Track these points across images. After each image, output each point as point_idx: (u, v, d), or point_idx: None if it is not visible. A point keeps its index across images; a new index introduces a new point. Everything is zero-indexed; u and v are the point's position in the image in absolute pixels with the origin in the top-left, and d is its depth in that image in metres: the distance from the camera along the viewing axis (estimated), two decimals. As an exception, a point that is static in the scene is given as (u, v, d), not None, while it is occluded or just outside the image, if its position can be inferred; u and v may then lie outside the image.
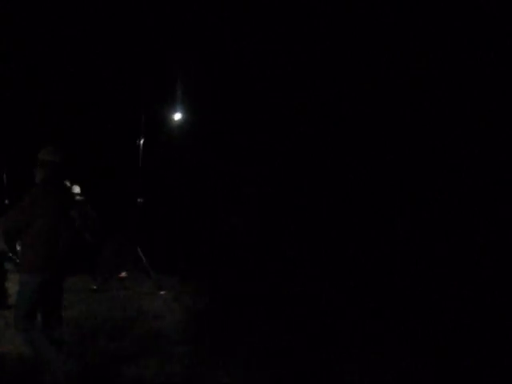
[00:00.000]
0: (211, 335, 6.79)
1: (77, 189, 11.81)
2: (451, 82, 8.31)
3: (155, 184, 11.08)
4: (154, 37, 10.26)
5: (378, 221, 9.03)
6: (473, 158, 8.30)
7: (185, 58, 9.13)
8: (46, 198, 4.80)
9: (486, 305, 7.61)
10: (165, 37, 10.11)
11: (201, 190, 10.23)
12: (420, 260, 8.55)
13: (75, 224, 5.61)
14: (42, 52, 12.42)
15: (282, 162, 9.69)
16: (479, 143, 8.21)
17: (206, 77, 9.68)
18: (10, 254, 7.68)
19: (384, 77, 8.88)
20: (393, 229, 8.78)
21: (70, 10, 11.37)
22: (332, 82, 9.58)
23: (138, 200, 9.91)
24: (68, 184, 12.03)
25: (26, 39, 12.42)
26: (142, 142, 9.98)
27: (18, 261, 6.85)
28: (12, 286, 7.43)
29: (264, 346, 6.38)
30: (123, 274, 11.04)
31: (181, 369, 5.51)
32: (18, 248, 5.96)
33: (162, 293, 9.37)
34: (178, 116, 10.09)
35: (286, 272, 10.01)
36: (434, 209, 8.65)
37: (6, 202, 15.66)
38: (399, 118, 8.84)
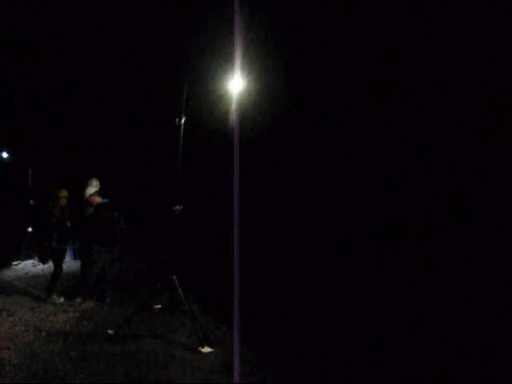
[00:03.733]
0: None
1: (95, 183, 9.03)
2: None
3: (200, 183, 7.89)
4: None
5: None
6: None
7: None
8: None
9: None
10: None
11: (270, 190, 6.82)
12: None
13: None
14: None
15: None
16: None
17: (278, 26, 6.39)
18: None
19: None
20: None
21: None
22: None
23: (176, 207, 6.69)
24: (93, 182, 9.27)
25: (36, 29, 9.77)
26: (182, 121, 6.80)
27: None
28: None
29: None
30: (158, 306, 7.95)
31: None
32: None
33: (205, 350, 6.14)
34: (237, 85, 6.83)
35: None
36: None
37: (31, 202, 13.44)
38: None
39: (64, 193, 9.22)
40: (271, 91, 6.47)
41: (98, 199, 9.10)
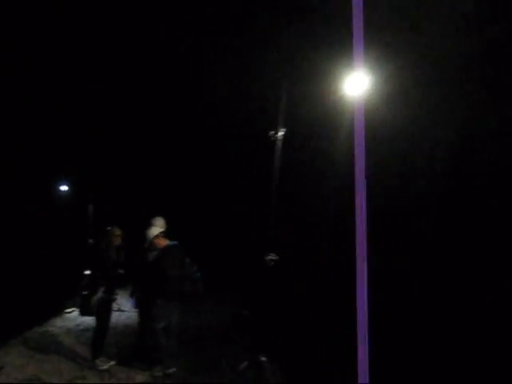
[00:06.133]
0: None
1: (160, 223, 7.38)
2: None
3: (306, 224, 5.89)
4: None
5: None
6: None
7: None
8: None
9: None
10: None
11: (410, 241, 4.63)
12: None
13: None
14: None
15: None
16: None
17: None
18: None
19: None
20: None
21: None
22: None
23: (268, 257, 4.70)
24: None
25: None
26: (280, 134, 4.91)
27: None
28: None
29: None
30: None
31: None
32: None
33: None
34: (358, 86, 4.86)
35: None
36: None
37: (91, 241, 12.02)
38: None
39: (118, 231, 7.74)
40: (413, 93, 4.46)
41: (164, 242, 7.31)
